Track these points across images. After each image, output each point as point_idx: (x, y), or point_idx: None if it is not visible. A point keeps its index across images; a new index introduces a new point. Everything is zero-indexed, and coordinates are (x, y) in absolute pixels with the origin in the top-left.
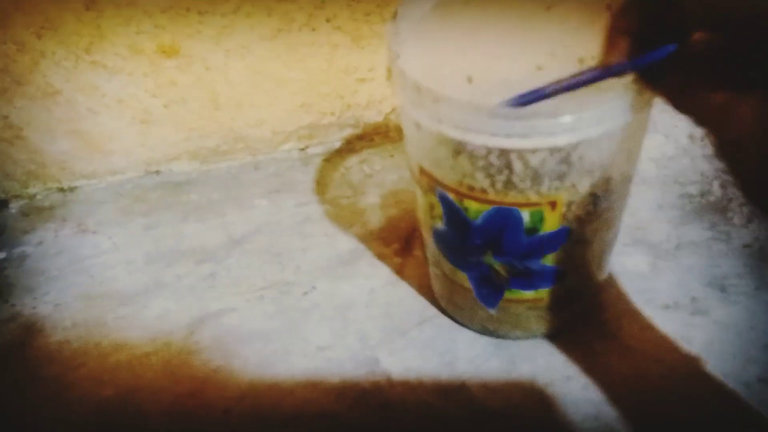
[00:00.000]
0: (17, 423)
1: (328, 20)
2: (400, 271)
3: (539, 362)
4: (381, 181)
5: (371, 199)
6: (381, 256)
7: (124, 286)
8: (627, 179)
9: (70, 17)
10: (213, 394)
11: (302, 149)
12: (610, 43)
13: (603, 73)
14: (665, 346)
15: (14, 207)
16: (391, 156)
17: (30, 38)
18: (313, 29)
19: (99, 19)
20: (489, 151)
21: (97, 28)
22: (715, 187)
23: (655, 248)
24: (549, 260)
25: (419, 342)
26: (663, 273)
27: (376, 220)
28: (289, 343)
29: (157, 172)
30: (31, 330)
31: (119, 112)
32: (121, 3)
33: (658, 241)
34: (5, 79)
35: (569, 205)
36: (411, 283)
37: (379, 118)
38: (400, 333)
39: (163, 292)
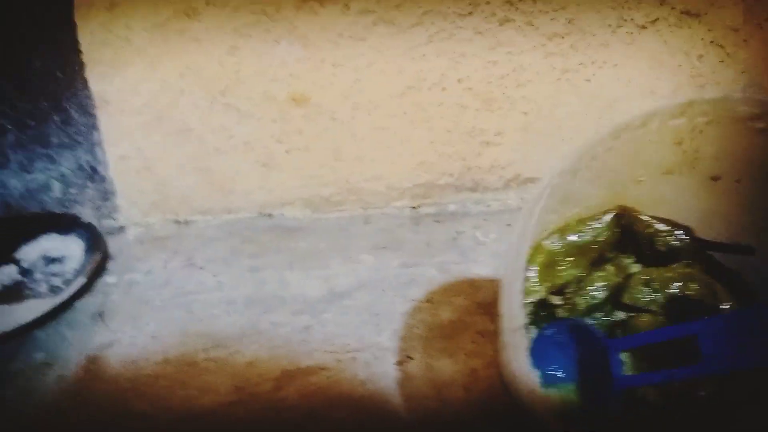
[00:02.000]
0: None
1: (459, 81)
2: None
3: None
4: (494, 251)
5: (482, 268)
6: (486, 334)
7: (220, 328)
8: None
9: (212, 60)
10: None
11: (414, 207)
12: None
13: None
14: None
15: (131, 234)
16: (508, 225)
17: (173, 77)
18: (444, 89)
19: (239, 64)
20: None
21: (235, 72)
22: None
23: None
24: None
25: None
26: None
27: (485, 292)
28: (377, 419)
29: (270, 216)
30: (125, 360)
31: (244, 154)
32: (261, 50)
33: None
34: (146, 113)
35: None
36: None
37: (500, 184)
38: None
39: (258, 338)
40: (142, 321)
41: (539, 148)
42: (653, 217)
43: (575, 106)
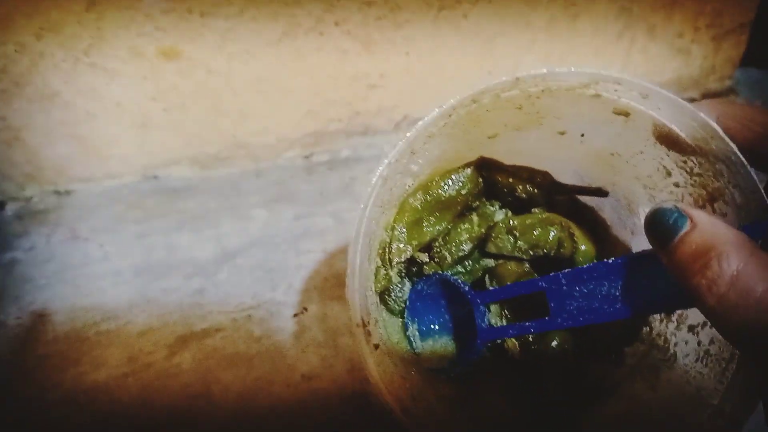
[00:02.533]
0: None
1: (337, 24)
2: None
3: None
4: None
5: None
6: None
7: (109, 299)
8: None
9: (70, 19)
10: (190, 426)
11: (306, 157)
12: None
13: None
14: None
15: (10, 210)
16: None
17: (29, 39)
18: (321, 34)
19: (99, 21)
20: None
21: (97, 30)
22: None
23: None
24: None
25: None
26: None
27: None
28: (273, 370)
29: (155, 178)
30: (12, 342)
31: (118, 115)
32: (122, 5)
33: None
34: (4, 80)
35: None
36: None
37: (389, 127)
38: None
39: (149, 307)
40: (26, 301)
41: (424, 88)
42: (513, 166)
43: (455, 44)
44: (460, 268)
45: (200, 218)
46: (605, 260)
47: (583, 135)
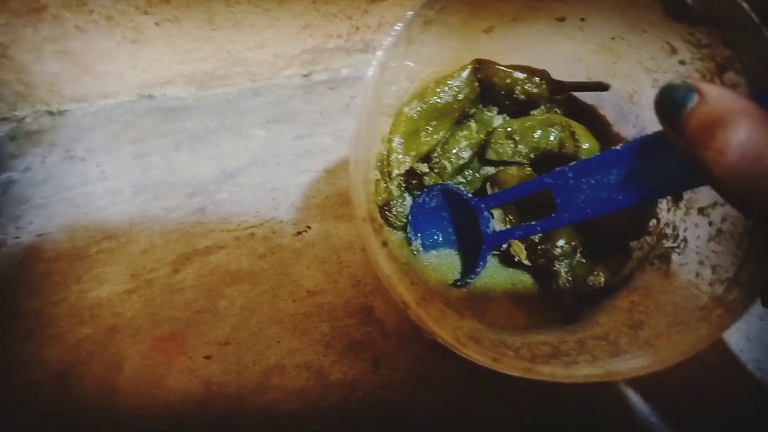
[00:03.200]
0: None
1: None
2: None
3: None
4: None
5: None
6: None
7: (109, 218)
8: None
9: None
10: (194, 339)
11: (305, 75)
12: None
13: None
14: None
15: (2, 130)
16: None
17: None
18: None
19: None
20: None
21: None
22: None
23: None
24: None
25: None
26: None
27: None
28: (278, 286)
29: (151, 97)
30: (13, 260)
31: (108, 30)
32: None
33: None
34: None
35: None
36: None
37: None
38: None
39: (150, 226)
40: (24, 220)
41: None
42: (510, 66)
43: None
44: (460, 179)
45: (198, 138)
46: (613, 147)
47: (583, 19)
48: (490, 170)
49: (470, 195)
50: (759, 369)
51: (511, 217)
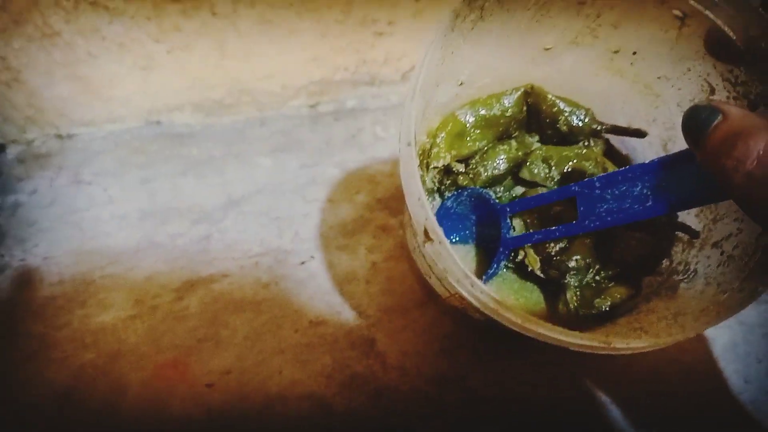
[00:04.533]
0: None
1: None
2: (405, 246)
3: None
4: (394, 146)
5: (382, 165)
6: (386, 228)
7: (115, 243)
8: None
9: None
10: (197, 367)
11: (312, 106)
12: None
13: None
14: (686, 346)
15: (11, 153)
16: None
17: None
18: None
19: None
20: None
21: None
22: None
23: None
24: None
25: (420, 325)
26: None
27: (384, 187)
28: (281, 315)
29: (158, 123)
30: (17, 283)
31: (120, 56)
32: None
33: None
34: (3, 17)
35: None
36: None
37: (397, 77)
38: (400, 313)
39: (155, 251)
40: (30, 243)
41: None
42: (558, 97)
43: None
44: (491, 193)
45: (205, 165)
46: (641, 162)
47: (635, 53)
48: (518, 190)
49: (496, 200)
50: (757, 411)
51: (531, 230)
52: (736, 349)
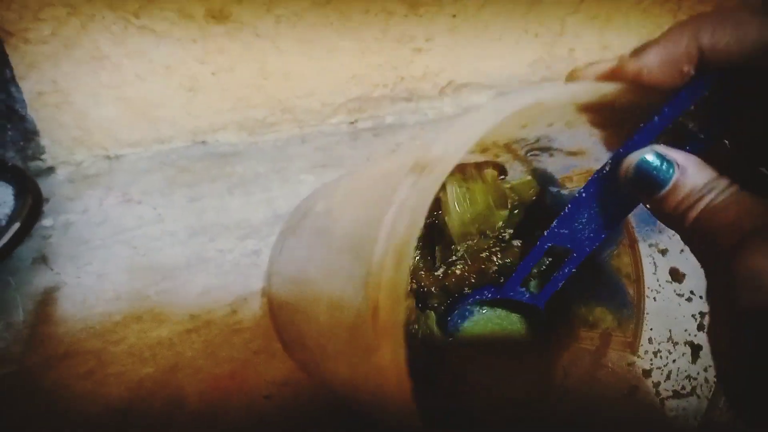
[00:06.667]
0: (49, 398)
1: None
2: None
3: None
4: None
5: None
6: None
7: (166, 260)
8: None
9: None
10: (254, 378)
11: (352, 123)
12: None
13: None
14: None
15: (61, 174)
16: None
17: (80, 1)
18: None
19: None
20: None
21: None
22: None
23: None
24: None
25: None
26: None
27: None
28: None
29: (204, 143)
30: (74, 300)
31: (166, 78)
32: None
33: None
34: (53, 42)
35: None
36: None
37: (434, 92)
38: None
39: (206, 267)
40: (83, 261)
41: (470, 51)
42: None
43: (500, 5)
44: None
45: (250, 182)
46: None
47: None
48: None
49: (529, 298)
50: None
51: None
52: None
